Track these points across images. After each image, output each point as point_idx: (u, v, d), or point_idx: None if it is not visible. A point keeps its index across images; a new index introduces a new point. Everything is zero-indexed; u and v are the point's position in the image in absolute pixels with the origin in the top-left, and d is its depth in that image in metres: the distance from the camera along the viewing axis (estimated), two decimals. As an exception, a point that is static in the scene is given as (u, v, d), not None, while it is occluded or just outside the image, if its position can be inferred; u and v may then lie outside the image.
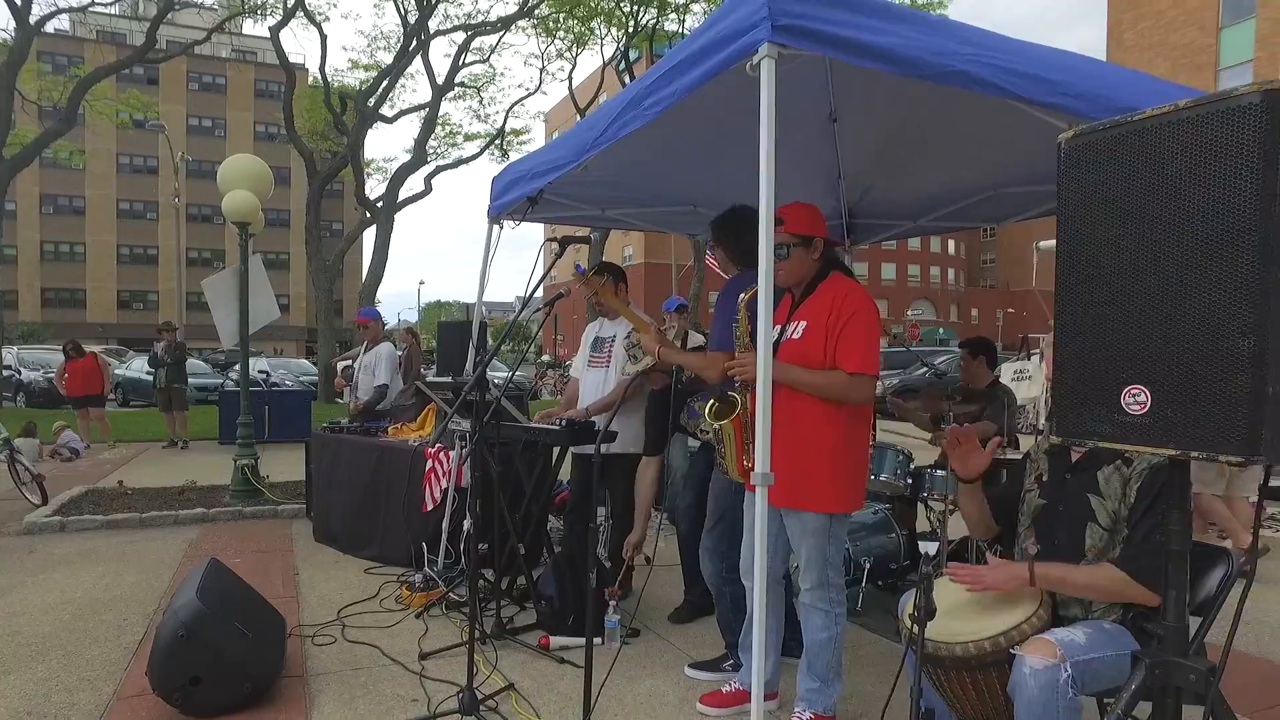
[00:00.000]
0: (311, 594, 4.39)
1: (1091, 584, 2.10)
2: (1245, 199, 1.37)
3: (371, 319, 6.46)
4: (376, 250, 14.82)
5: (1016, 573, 2.16)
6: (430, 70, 16.23)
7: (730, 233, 3.35)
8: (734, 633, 3.25)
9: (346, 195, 47.77)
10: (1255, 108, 1.35)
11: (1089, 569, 2.13)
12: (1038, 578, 2.14)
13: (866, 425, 2.81)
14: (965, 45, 2.46)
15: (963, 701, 2.20)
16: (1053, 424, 1.68)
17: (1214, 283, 1.43)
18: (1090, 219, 1.63)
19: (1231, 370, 1.41)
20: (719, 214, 3.43)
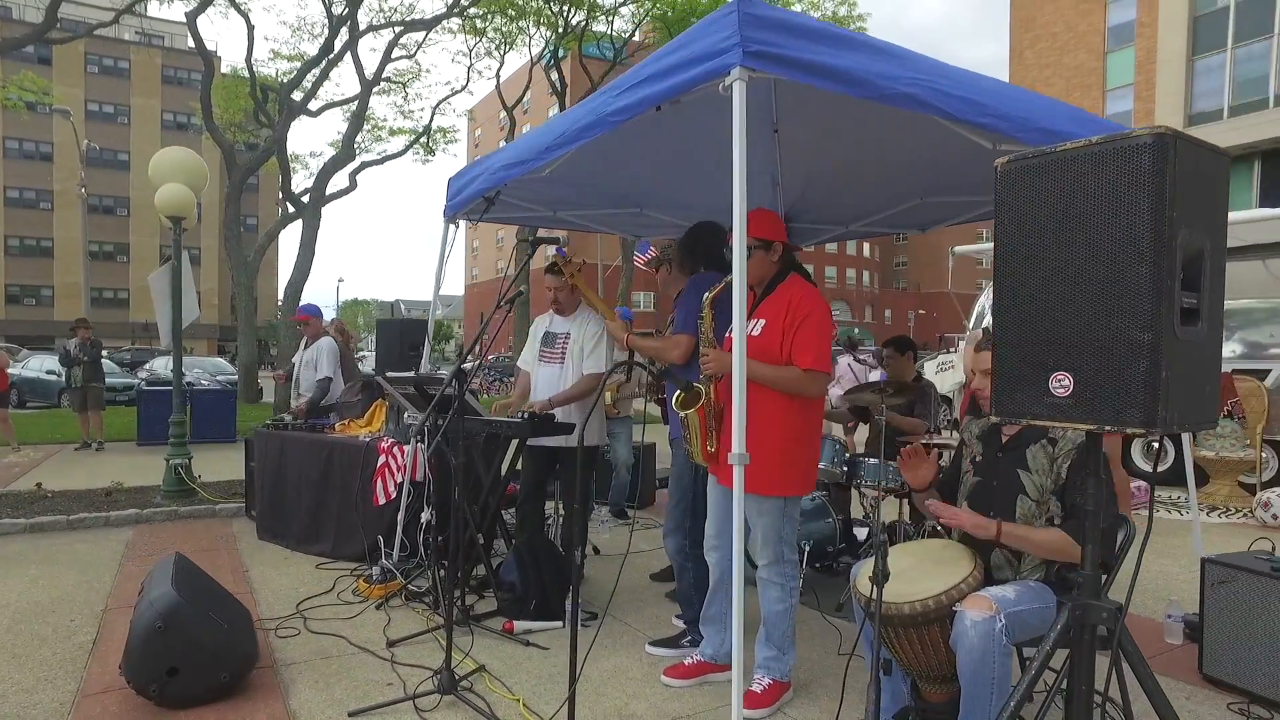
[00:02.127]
0: (265, 589, 4.40)
1: (1046, 542, 2.41)
2: (1142, 220, 1.66)
3: (311, 315, 6.42)
4: (303, 246, 14.42)
5: (984, 523, 2.45)
6: (359, 65, 15.92)
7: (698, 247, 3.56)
8: (693, 607, 3.47)
9: (262, 190, 46.15)
10: (1148, 146, 1.65)
11: (1045, 530, 2.44)
12: (1004, 533, 2.44)
13: (818, 417, 3.07)
14: (907, 69, 2.74)
15: (910, 655, 2.48)
16: (992, 406, 1.95)
17: (1120, 287, 1.71)
18: (1021, 232, 1.91)
19: (1135, 358, 1.70)
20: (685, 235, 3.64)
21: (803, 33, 2.54)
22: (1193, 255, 1.77)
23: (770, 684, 3.02)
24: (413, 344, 7.39)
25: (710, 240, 3.42)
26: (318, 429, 5.44)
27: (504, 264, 56.64)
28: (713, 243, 3.40)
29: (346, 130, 16.19)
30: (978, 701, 2.31)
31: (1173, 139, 1.69)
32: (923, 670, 2.52)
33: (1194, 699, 3.16)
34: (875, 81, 2.60)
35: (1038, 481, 2.53)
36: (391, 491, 4.67)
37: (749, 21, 2.43)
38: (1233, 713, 3.03)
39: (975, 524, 2.45)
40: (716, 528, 3.16)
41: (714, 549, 3.18)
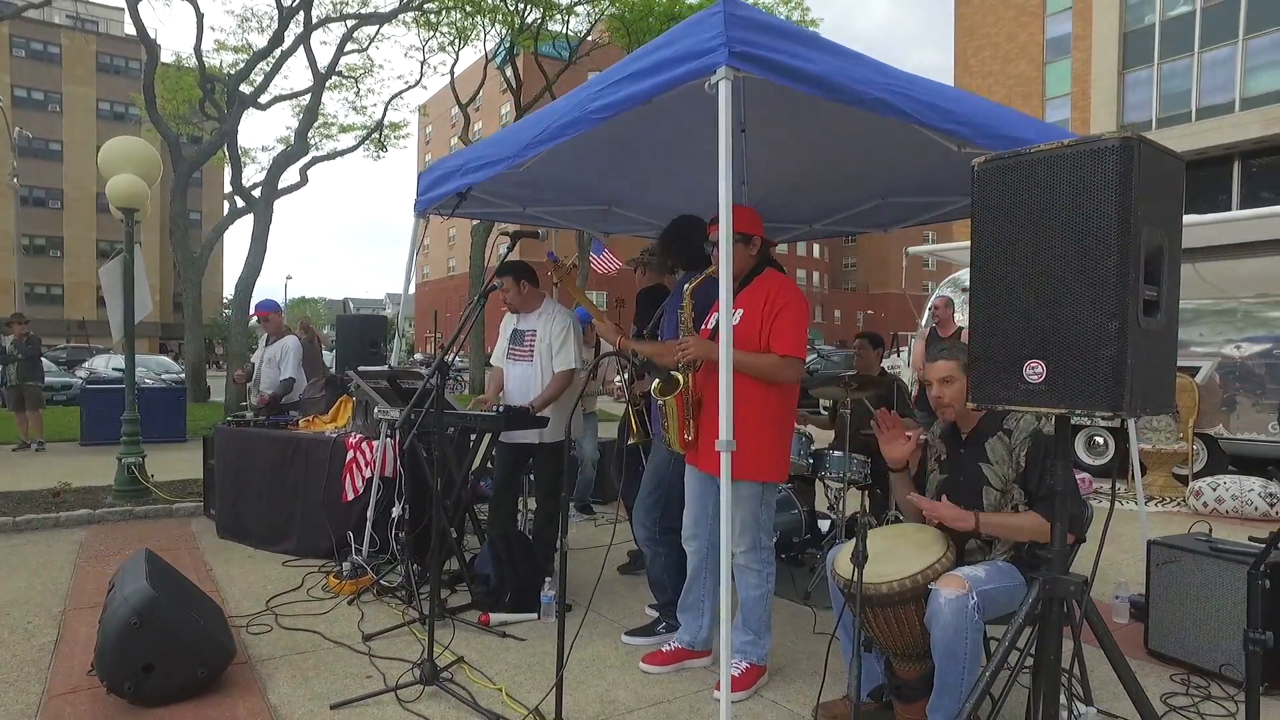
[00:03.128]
0: (232, 588, 4.34)
1: (1023, 526, 2.54)
2: (1109, 218, 1.78)
3: (271, 311, 6.32)
4: (254, 242, 14.06)
5: (962, 514, 2.56)
6: (312, 58, 15.58)
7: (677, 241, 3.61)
8: (665, 591, 3.55)
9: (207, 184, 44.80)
10: (1115, 149, 1.77)
11: (1020, 515, 2.57)
12: (982, 523, 2.56)
13: (794, 405, 3.17)
14: (881, 76, 2.87)
15: (886, 633, 2.58)
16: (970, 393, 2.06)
17: (1089, 280, 1.83)
18: (996, 228, 2.02)
19: (1102, 347, 1.82)
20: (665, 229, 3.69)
21: (785, 35, 2.64)
22: (1154, 251, 1.90)
23: (747, 668, 3.11)
24: (372, 341, 7.35)
25: (690, 234, 3.49)
26: (280, 425, 5.37)
27: (455, 262, 56.03)
28: (692, 236, 3.46)
29: (299, 124, 15.85)
30: (950, 676, 2.43)
31: (1137, 143, 1.82)
32: (898, 648, 2.63)
33: (1140, 672, 3.34)
34: (851, 87, 2.70)
35: (999, 472, 2.66)
36: (359, 487, 4.64)
37: (735, 22, 2.51)
38: (1175, 683, 3.23)
39: (954, 516, 2.56)
40: (694, 516, 3.23)
41: (693, 537, 3.25)
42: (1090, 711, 2.70)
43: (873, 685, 2.85)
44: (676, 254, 3.59)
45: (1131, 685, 2.06)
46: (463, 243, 43.42)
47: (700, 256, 3.31)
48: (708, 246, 3.11)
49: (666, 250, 3.63)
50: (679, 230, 3.59)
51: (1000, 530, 2.58)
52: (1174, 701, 3.06)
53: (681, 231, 3.57)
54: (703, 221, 3.41)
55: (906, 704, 2.71)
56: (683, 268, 3.58)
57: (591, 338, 5.68)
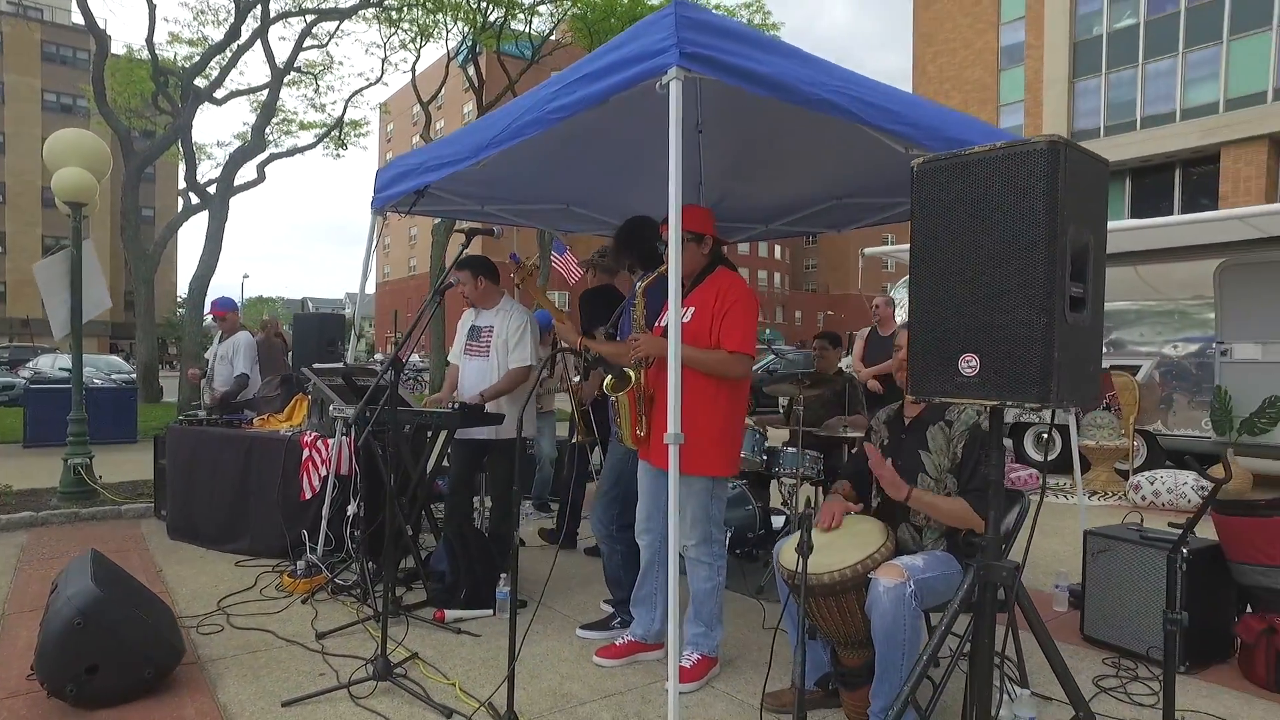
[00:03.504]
0: (183, 588, 4.28)
1: (950, 510, 2.63)
2: (1037, 217, 1.87)
3: (228, 310, 6.23)
4: (209, 239, 13.75)
5: (899, 484, 2.64)
6: (270, 54, 15.29)
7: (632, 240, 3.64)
8: (622, 588, 3.59)
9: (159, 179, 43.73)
10: (1043, 152, 1.85)
11: (949, 499, 2.67)
12: (913, 497, 2.65)
13: (744, 401, 3.24)
14: (830, 77, 2.94)
15: (830, 622, 2.66)
16: (908, 386, 2.14)
17: (1020, 278, 1.91)
18: (934, 227, 2.09)
19: (1031, 342, 1.90)
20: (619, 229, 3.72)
21: (736, 37, 2.69)
22: (1079, 249, 1.98)
23: (699, 659, 3.16)
24: (329, 340, 7.27)
25: (644, 234, 3.53)
26: (234, 424, 5.30)
27: (416, 261, 55.47)
28: (646, 235, 3.51)
29: (256, 120, 15.57)
30: (890, 661, 2.51)
31: (1063, 146, 1.90)
32: (841, 636, 2.70)
33: (1075, 657, 3.48)
34: (801, 88, 2.77)
35: (936, 460, 2.75)
36: (316, 485, 4.61)
37: (685, 24, 2.56)
38: (1107, 666, 3.36)
39: (892, 481, 2.65)
40: (647, 511, 3.28)
41: (645, 531, 3.30)
42: (1024, 694, 2.80)
43: (819, 674, 2.93)
44: (632, 254, 3.62)
45: (1058, 666, 2.15)
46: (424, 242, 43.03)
47: (655, 255, 3.36)
48: (660, 246, 3.16)
49: (621, 250, 3.67)
50: (633, 230, 3.63)
51: (928, 508, 2.67)
52: (1105, 683, 3.18)
53: (635, 231, 3.61)
54: (655, 221, 3.46)
55: (851, 691, 2.78)
56: (640, 267, 3.62)
57: (549, 339, 5.70)
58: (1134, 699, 3.05)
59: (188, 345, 13.84)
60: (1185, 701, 3.01)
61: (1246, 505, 3.36)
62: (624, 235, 3.67)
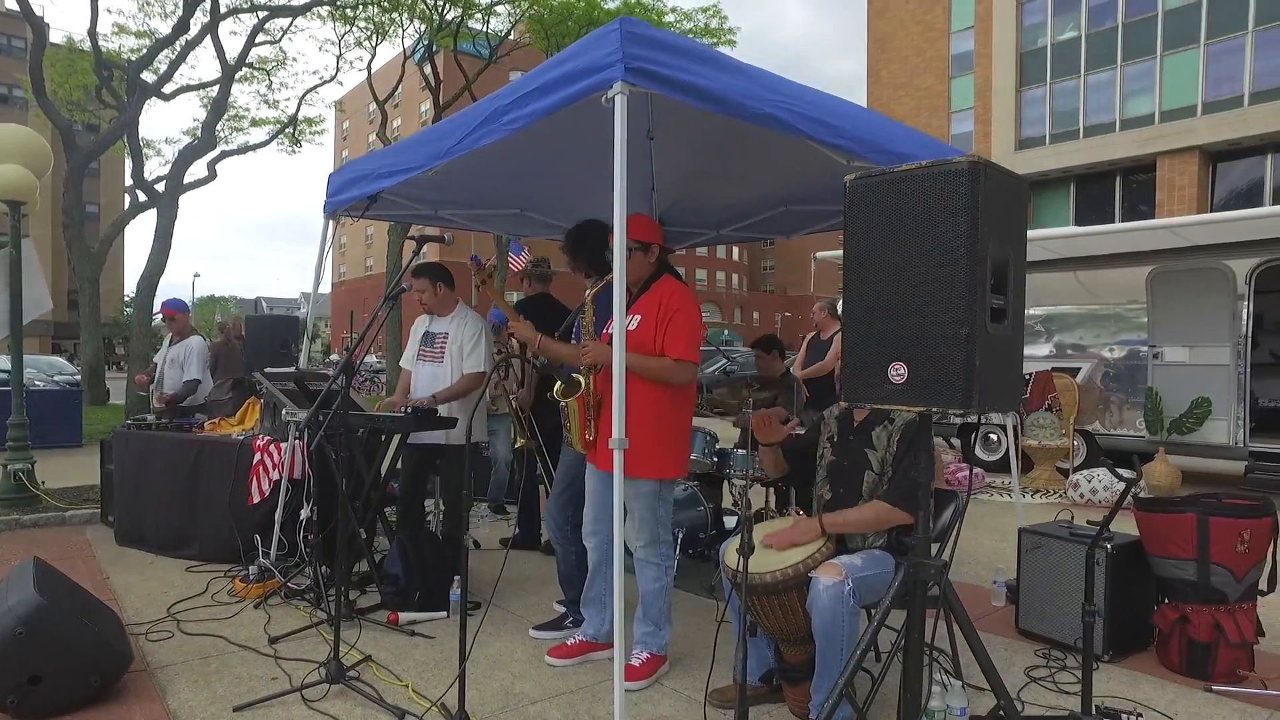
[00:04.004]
0: (131, 595, 4.23)
1: (863, 519, 2.75)
2: (960, 234, 1.98)
3: (179, 311, 6.13)
4: (158, 238, 13.41)
5: (811, 526, 2.78)
6: (220, 49, 14.97)
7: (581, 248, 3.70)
8: (575, 588, 3.65)
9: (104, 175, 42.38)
10: (964, 171, 1.97)
11: (860, 508, 2.79)
12: (827, 525, 2.77)
13: (690, 405, 3.33)
14: (771, 92, 3.04)
15: (772, 620, 2.76)
16: (841, 392, 2.25)
17: (944, 290, 2.03)
18: (865, 240, 2.20)
19: (954, 351, 2.02)
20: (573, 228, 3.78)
21: (680, 52, 2.78)
22: (1000, 263, 2.11)
23: (648, 658, 3.24)
24: (282, 342, 7.20)
25: (593, 236, 3.60)
26: (185, 428, 5.23)
27: (373, 261, 54.73)
28: (595, 238, 3.57)
29: (206, 117, 15.25)
30: (830, 656, 2.62)
31: (983, 166, 2.03)
32: (784, 634, 2.81)
33: (1009, 649, 3.64)
34: (742, 102, 2.87)
35: (880, 457, 2.88)
36: (266, 490, 4.59)
37: (630, 39, 2.64)
38: (1038, 658, 3.52)
39: (804, 532, 2.78)
40: (594, 513, 3.35)
41: (593, 534, 3.37)
42: (956, 685, 2.94)
43: (764, 670, 3.03)
44: (581, 257, 3.68)
45: (982, 657, 2.28)
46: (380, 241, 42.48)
47: (604, 259, 3.43)
48: (608, 254, 3.23)
49: (575, 255, 3.72)
50: (583, 233, 3.70)
51: (845, 528, 2.80)
52: (1035, 673, 3.34)
53: (585, 235, 3.68)
54: (605, 224, 3.53)
55: (794, 686, 2.89)
56: (591, 270, 3.68)
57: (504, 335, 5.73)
58: (1061, 687, 3.21)
59: (136, 346, 13.49)
60: (1107, 688, 3.18)
61: (1162, 502, 3.56)
62: (574, 239, 3.73)
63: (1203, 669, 3.25)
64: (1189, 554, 3.29)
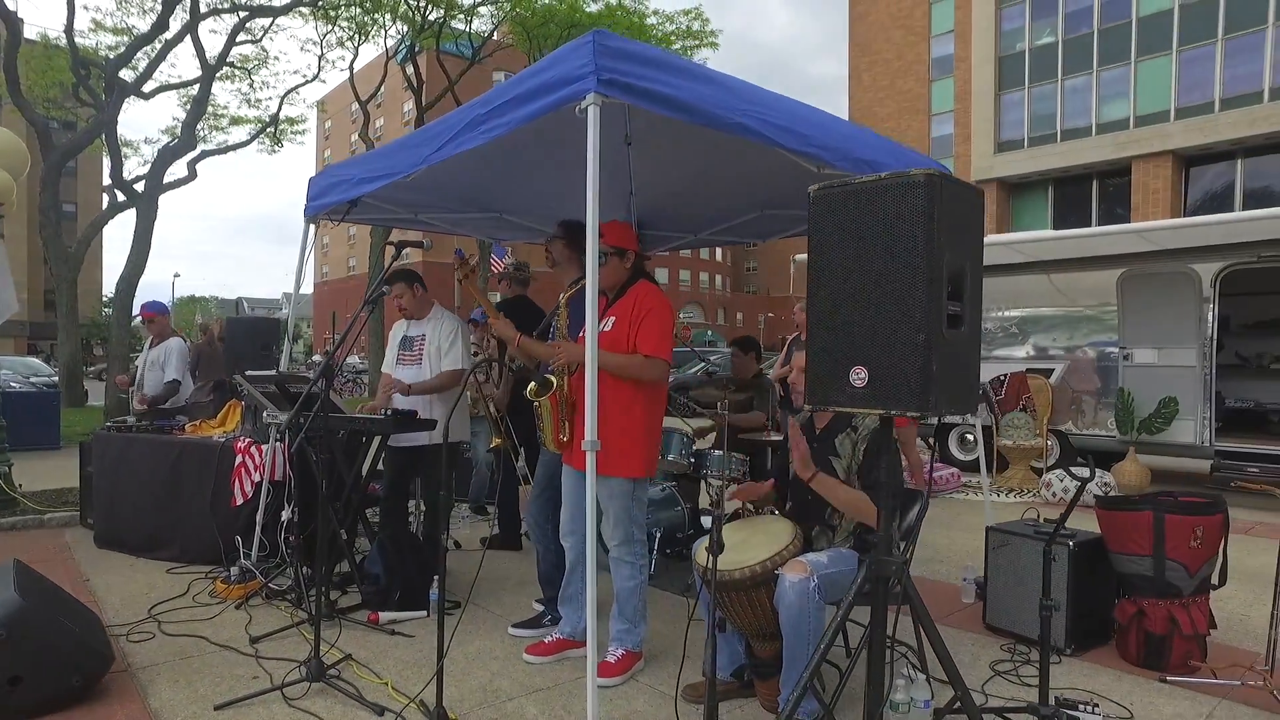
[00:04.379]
0: (111, 597, 4.25)
1: (850, 499, 2.85)
2: (918, 244, 2.07)
3: (158, 313, 6.13)
4: (137, 238, 13.30)
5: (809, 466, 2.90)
6: (200, 48, 14.87)
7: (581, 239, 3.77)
8: (554, 586, 3.72)
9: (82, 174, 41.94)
10: (921, 184, 2.06)
11: (850, 489, 2.88)
12: (817, 479, 2.88)
13: (661, 406, 3.41)
14: (742, 101, 3.13)
15: (742, 616, 2.84)
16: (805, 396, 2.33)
17: (903, 298, 2.11)
18: (828, 249, 2.28)
19: (912, 356, 2.10)
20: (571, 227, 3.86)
21: (651, 64, 2.85)
22: (956, 272, 2.20)
23: (623, 654, 3.31)
24: (264, 344, 7.20)
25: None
26: (165, 430, 5.25)
27: (355, 261, 54.46)
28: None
29: (186, 116, 15.13)
30: (797, 651, 2.70)
31: (940, 179, 2.11)
32: (753, 629, 2.89)
33: (978, 644, 3.75)
34: (713, 111, 2.95)
35: (844, 464, 2.97)
36: (248, 491, 4.62)
37: (603, 52, 2.71)
38: (1004, 652, 3.63)
39: (804, 458, 2.88)
40: (571, 512, 3.42)
41: (570, 533, 3.44)
42: (920, 678, 3.03)
43: (736, 665, 3.12)
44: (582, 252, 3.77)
45: (940, 650, 2.36)
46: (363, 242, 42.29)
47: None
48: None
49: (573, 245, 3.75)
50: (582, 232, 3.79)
51: (828, 492, 2.89)
52: (1000, 667, 3.44)
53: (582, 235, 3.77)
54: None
55: (764, 680, 2.98)
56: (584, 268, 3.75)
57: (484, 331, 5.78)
58: (1024, 680, 3.31)
59: (115, 347, 13.38)
60: (1068, 680, 3.29)
61: (1121, 501, 3.68)
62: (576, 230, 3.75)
63: (1158, 660, 3.37)
64: (1145, 550, 3.40)
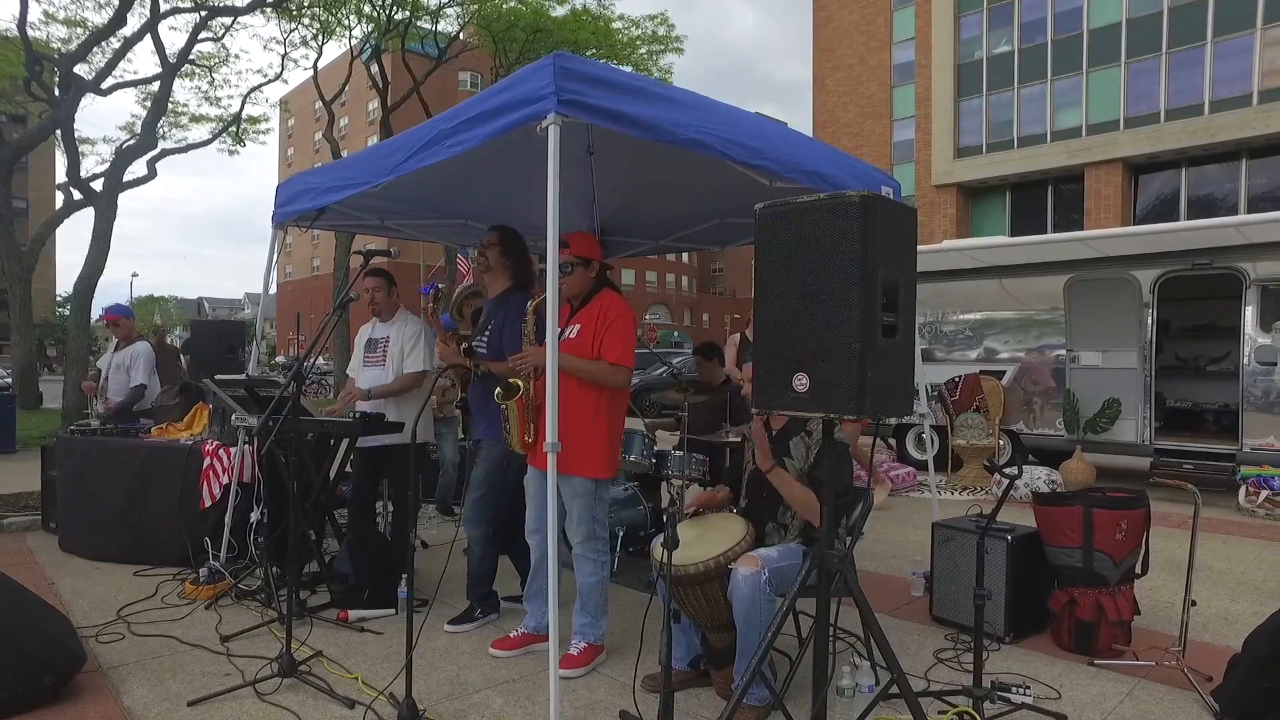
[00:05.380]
0: (79, 600, 4.28)
1: (801, 496, 3.02)
2: (853, 260, 2.24)
3: (123, 316, 6.13)
4: (96, 238, 13.07)
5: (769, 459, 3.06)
6: (160, 46, 14.64)
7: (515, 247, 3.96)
8: (483, 585, 3.93)
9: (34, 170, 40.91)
10: (856, 204, 2.23)
11: (802, 487, 3.04)
12: (774, 472, 3.05)
13: (624, 409, 3.56)
14: (696, 118, 3.28)
15: (697, 609, 3.00)
16: (751, 400, 2.50)
17: (840, 308, 2.28)
18: (773, 261, 2.45)
19: (849, 363, 2.27)
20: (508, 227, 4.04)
21: (608, 85, 3.00)
22: (890, 285, 2.37)
23: (585, 647, 3.46)
24: (229, 346, 7.23)
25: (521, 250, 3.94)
26: (130, 433, 5.27)
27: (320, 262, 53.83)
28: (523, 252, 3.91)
29: (147, 115, 14.89)
30: (749, 641, 2.87)
31: (874, 200, 2.29)
32: (708, 621, 3.05)
33: (923, 635, 3.95)
34: (668, 128, 3.11)
35: (797, 466, 3.14)
36: (216, 493, 4.67)
37: (563, 74, 2.85)
38: (947, 641, 3.83)
39: (764, 451, 3.06)
40: (536, 512, 3.55)
41: (534, 532, 3.57)
42: (865, 665, 3.23)
43: (692, 656, 3.27)
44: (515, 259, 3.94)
45: (878, 638, 2.53)
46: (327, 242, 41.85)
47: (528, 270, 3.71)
48: (542, 267, 3.45)
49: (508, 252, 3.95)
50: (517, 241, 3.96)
51: (782, 486, 3.06)
52: (943, 655, 3.64)
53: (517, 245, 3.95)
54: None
55: (719, 670, 3.14)
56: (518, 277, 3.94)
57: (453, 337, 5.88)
58: (964, 667, 3.50)
59: (72, 349, 13.16)
60: (1005, 665, 3.51)
61: (1055, 496, 3.91)
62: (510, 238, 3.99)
63: (1088, 645, 3.60)
64: (1076, 543, 3.63)
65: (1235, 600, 4.59)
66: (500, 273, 3.97)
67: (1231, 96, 21.64)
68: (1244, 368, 7.57)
